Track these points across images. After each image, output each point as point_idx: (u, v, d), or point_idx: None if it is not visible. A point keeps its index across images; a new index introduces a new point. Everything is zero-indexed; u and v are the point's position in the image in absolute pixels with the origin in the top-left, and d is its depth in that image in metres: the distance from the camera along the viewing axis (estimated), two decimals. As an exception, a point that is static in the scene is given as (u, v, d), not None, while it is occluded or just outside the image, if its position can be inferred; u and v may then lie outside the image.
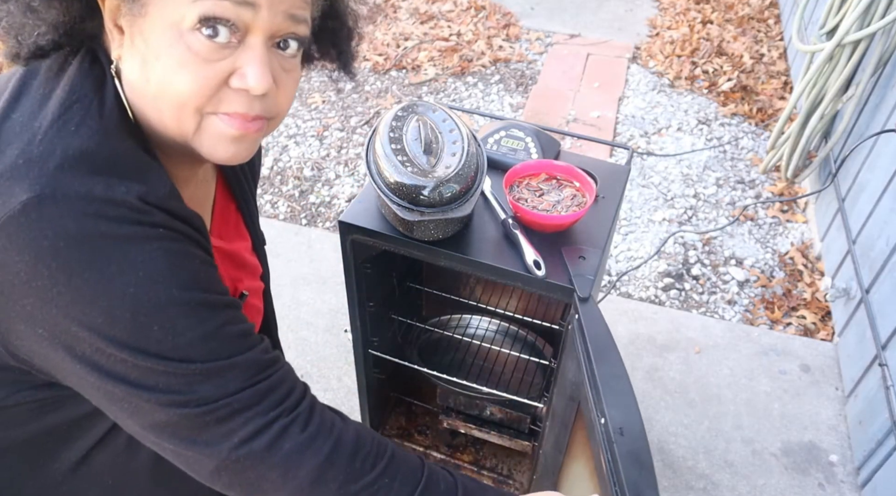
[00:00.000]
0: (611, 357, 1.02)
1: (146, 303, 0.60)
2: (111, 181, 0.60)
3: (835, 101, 2.36)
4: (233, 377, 0.64)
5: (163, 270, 0.61)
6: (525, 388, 1.60)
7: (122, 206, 0.59)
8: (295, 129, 3.09)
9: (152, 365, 0.61)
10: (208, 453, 0.64)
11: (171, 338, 0.61)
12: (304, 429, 0.67)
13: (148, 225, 0.61)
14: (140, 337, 0.60)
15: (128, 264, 0.59)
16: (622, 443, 0.89)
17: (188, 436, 0.64)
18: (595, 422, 0.97)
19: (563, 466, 1.29)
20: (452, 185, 1.09)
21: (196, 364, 0.62)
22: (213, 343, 0.64)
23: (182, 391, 0.62)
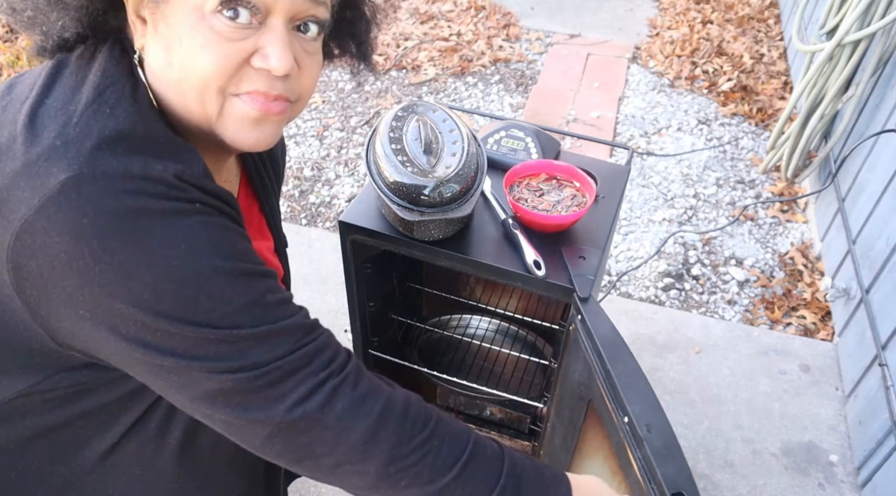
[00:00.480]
0: (623, 355, 1.02)
1: (190, 275, 0.60)
2: (148, 159, 0.60)
3: (835, 101, 2.36)
4: (281, 341, 0.65)
5: (203, 242, 0.61)
6: (525, 388, 1.60)
7: (160, 183, 0.60)
8: (295, 129, 3.09)
9: (201, 334, 0.61)
10: (262, 418, 0.64)
11: (218, 307, 0.62)
12: (354, 389, 0.67)
13: (185, 200, 0.61)
14: (187, 308, 0.61)
15: (169, 238, 0.60)
16: (651, 440, 0.89)
17: (242, 402, 0.64)
18: (617, 420, 0.97)
19: (572, 466, 1.29)
20: (452, 185, 1.09)
21: (245, 329, 0.62)
22: (257, 309, 0.64)
23: (233, 357, 0.62)
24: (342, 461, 0.67)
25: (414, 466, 0.68)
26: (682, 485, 0.84)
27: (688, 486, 0.84)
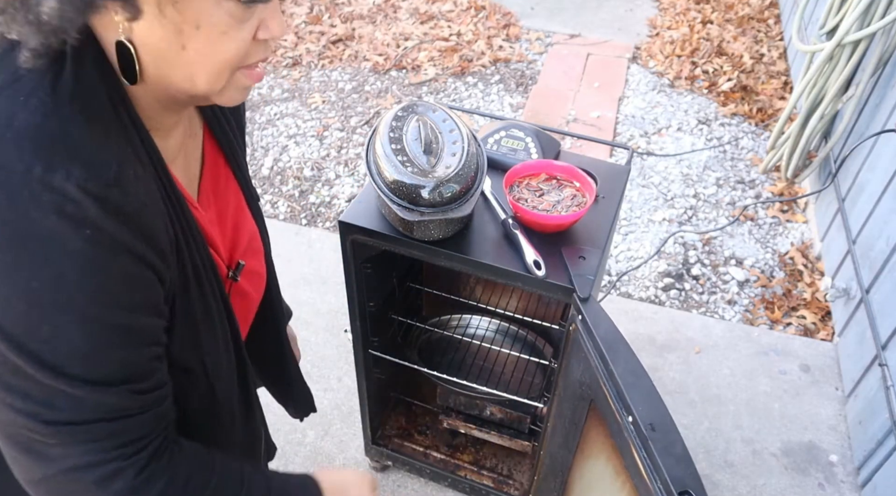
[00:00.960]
0: (625, 354, 1.02)
1: (44, 301, 0.58)
2: (53, 161, 0.57)
3: (835, 101, 2.36)
4: (94, 405, 0.62)
5: (74, 274, 0.58)
6: (525, 388, 1.60)
7: (57, 194, 0.56)
8: (295, 129, 3.10)
9: (23, 363, 0.58)
10: (39, 466, 0.63)
11: (54, 344, 0.59)
12: (138, 475, 0.65)
13: (76, 220, 0.57)
14: (25, 331, 0.58)
15: (42, 258, 0.57)
16: (656, 439, 0.89)
17: (25, 443, 0.62)
18: (621, 420, 0.97)
19: (574, 465, 1.29)
20: (452, 185, 1.09)
21: (66, 378, 0.60)
22: (93, 363, 0.61)
23: (39, 402, 0.60)
24: None
25: None
26: (688, 484, 0.84)
27: (694, 485, 0.84)
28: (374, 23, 3.87)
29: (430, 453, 1.74)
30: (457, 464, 1.72)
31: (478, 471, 1.70)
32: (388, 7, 4.02)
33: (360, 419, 1.69)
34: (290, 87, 3.39)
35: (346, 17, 3.93)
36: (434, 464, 1.71)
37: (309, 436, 1.88)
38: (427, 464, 1.71)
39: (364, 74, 3.46)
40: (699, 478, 0.85)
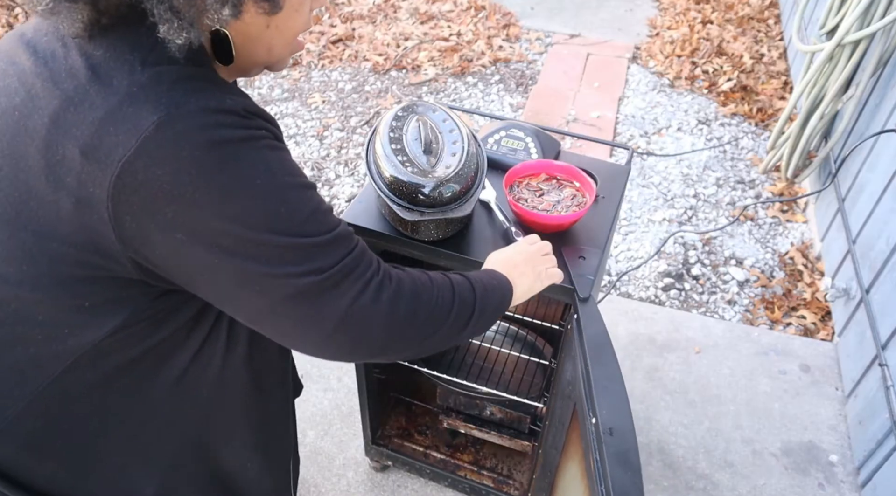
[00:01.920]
0: (606, 358, 1.02)
1: (271, 191, 0.71)
2: (217, 95, 0.69)
3: (835, 101, 2.36)
4: (338, 247, 0.77)
5: (275, 162, 0.72)
6: (525, 388, 1.60)
7: (234, 114, 0.69)
8: (295, 129, 3.10)
9: (283, 242, 0.72)
10: (328, 313, 0.76)
11: (295, 217, 0.73)
12: (391, 281, 0.82)
13: (254, 128, 0.71)
14: (272, 219, 0.71)
15: (251, 162, 0.69)
16: (611, 444, 0.89)
17: (313, 301, 0.75)
18: (587, 421, 0.97)
19: (560, 466, 1.29)
20: (452, 185, 1.09)
21: (313, 237, 0.74)
22: (320, 216, 0.76)
23: (306, 262, 0.73)
24: (392, 338, 0.82)
25: (443, 325, 0.87)
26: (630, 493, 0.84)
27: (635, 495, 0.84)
28: (374, 23, 3.87)
29: (430, 453, 1.74)
30: (457, 464, 1.72)
31: (478, 471, 1.70)
32: (388, 7, 4.02)
33: (360, 419, 1.69)
34: (290, 87, 3.39)
35: (346, 17, 3.93)
36: (434, 464, 1.71)
37: (309, 435, 1.88)
38: (427, 464, 1.71)
39: (364, 74, 3.46)
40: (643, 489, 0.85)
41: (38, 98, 0.68)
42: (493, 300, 0.96)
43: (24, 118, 0.69)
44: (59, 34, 0.71)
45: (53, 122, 0.67)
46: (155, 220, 0.67)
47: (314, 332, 0.78)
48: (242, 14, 0.72)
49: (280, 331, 0.78)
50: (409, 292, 0.84)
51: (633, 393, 2.01)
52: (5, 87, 0.71)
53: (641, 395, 2.01)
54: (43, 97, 0.68)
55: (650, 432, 1.91)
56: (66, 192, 0.67)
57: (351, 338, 0.79)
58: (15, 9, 3.75)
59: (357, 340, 0.80)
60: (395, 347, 0.85)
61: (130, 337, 0.77)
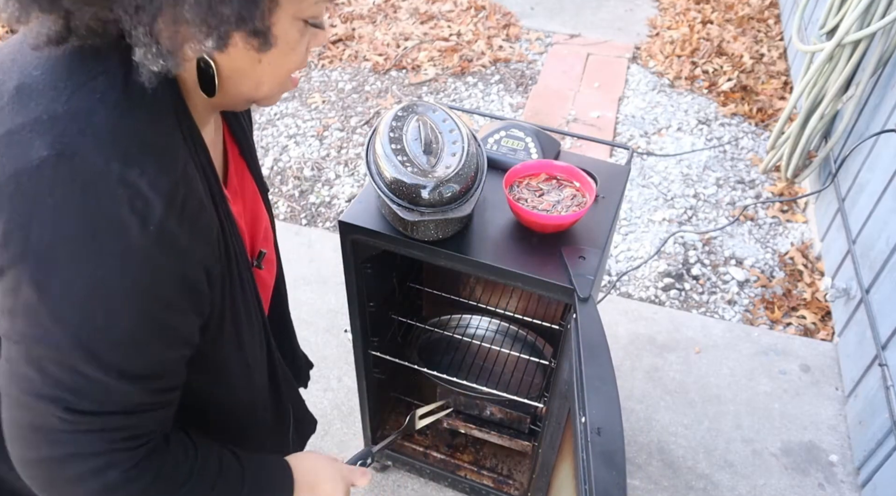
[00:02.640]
0: (600, 358, 1.02)
1: (104, 290, 0.61)
2: (128, 158, 0.61)
3: (835, 101, 2.36)
4: (119, 397, 0.65)
5: (135, 268, 0.62)
6: (525, 388, 1.60)
7: (131, 189, 0.60)
8: (295, 129, 3.10)
9: (69, 352, 0.62)
10: (43, 446, 0.65)
11: (103, 331, 0.62)
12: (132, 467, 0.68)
13: (144, 217, 0.61)
14: (80, 316, 0.61)
15: (109, 248, 0.61)
16: (598, 443, 0.89)
17: (36, 424, 0.64)
18: (577, 420, 0.97)
19: (556, 466, 1.29)
20: (452, 184, 1.09)
21: (103, 368, 0.63)
22: (132, 355, 0.65)
23: (69, 389, 0.63)
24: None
25: None
26: (612, 493, 0.84)
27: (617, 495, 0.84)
28: (374, 23, 3.87)
29: (430, 453, 1.74)
30: (457, 464, 1.72)
31: (478, 471, 1.70)
32: (388, 7, 4.02)
33: (360, 419, 1.69)
34: (290, 87, 3.39)
35: (346, 17, 3.92)
36: (434, 464, 1.71)
37: (309, 436, 1.89)
38: (427, 464, 1.71)
39: (364, 74, 3.46)
40: (625, 490, 0.85)
41: None
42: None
43: None
44: (17, 47, 0.67)
45: None
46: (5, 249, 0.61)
47: (18, 449, 0.66)
48: (228, 47, 0.66)
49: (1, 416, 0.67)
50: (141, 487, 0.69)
51: (633, 393, 2.01)
52: None
53: (641, 395, 2.01)
54: None
55: (650, 432, 1.91)
56: None
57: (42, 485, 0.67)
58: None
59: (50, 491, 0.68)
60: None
61: None
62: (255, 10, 0.63)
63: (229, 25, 0.63)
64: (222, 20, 0.62)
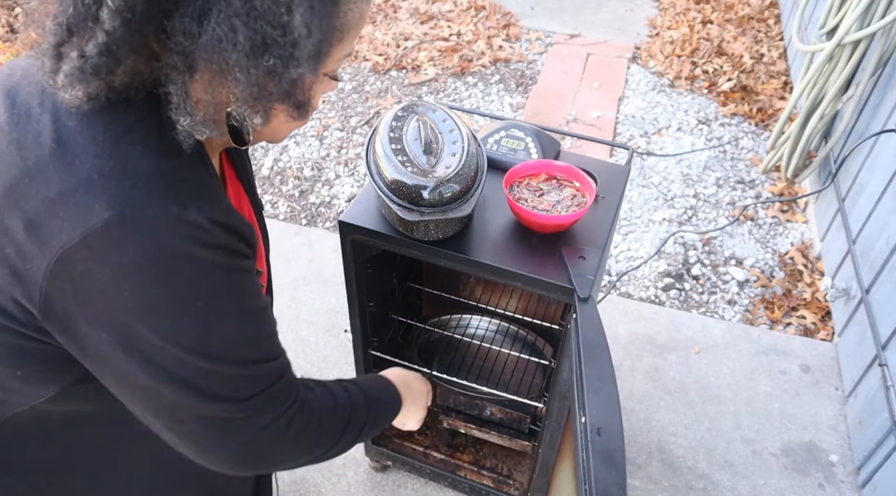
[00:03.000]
0: (600, 358, 1.02)
1: (210, 314, 0.69)
2: (182, 199, 0.65)
3: (835, 101, 2.36)
4: (265, 377, 0.75)
5: (223, 286, 0.70)
6: (525, 388, 1.60)
7: (194, 227, 0.65)
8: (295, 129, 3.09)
9: (207, 367, 0.69)
10: (234, 439, 0.75)
11: (228, 343, 0.71)
12: (303, 413, 0.81)
13: (212, 245, 0.68)
14: (202, 342, 0.69)
15: (196, 281, 0.67)
16: (598, 443, 0.89)
17: (222, 427, 0.74)
18: (576, 420, 0.97)
19: (556, 466, 1.29)
20: (452, 184, 1.09)
21: (242, 365, 0.72)
22: (260, 344, 0.75)
23: (227, 389, 0.72)
24: (287, 459, 0.84)
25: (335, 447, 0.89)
26: (611, 493, 0.84)
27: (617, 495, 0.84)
28: (374, 23, 3.87)
29: (430, 453, 1.74)
30: (457, 464, 1.72)
31: (478, 471, 1.70)
32: (388, 7, 4.02)
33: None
34: (290, 87, 3.39)
35: (346, 17, 3.92)
36: (434, 464, 1.71)
37: (309, 436, 1.88)
38: (427, 464, 1.71)
39: (364, 74, 3.46)
40: (625, 489, 0.85)
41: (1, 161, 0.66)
42: (383, 415, 1.02)
43: None
44: (42, 87, 0.68)
45: (6, 191, 0.65)
46: (83, 313, 0.65)
47: (213, 454, 0.77)
48: (272, 120, 0.71)
49: (179, 443, 0.76)
50: (315, 422, 0.84)
51: (633, 393, 2.01)
52: None
53: (641, 395, 2.01)
54: (4, 161, 0.66)
55: (650, 432, 1.91)
56: (3, 261, 0.65)
57: (250, 461, 0.79)
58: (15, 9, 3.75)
59: (255, 463, 0.80)
60: (286, 466, 0.87)
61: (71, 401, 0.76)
62: (299, 85, 0.68)
63: (275, 100, 0.68)
64: (269, 97, 0.67)
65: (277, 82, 0.65)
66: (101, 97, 0.65)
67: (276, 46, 0.63)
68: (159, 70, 0.64)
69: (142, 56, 0.64)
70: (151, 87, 0.66)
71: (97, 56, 0.61)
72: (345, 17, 0.70)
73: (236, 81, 0.64)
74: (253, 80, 0.64)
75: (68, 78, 0.63)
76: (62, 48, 0.63)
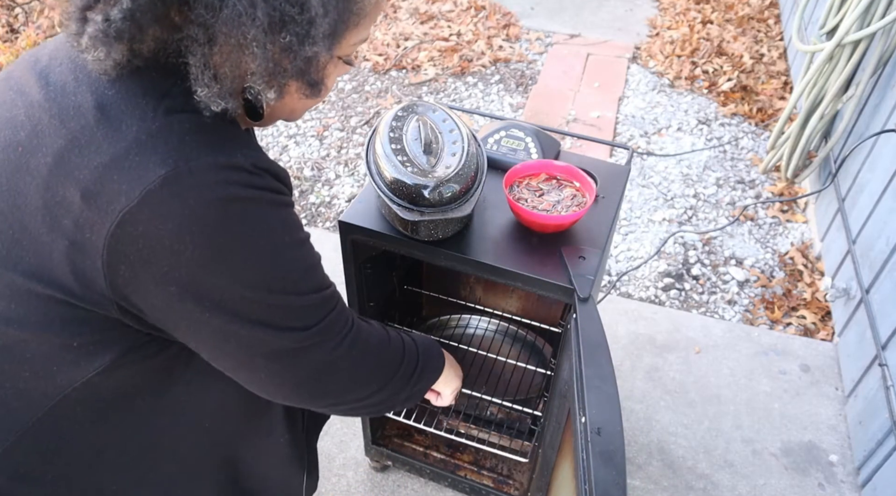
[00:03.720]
0: (600, 358, 1.02)
1: (270, 250, 0.72)
2: (227, 149, 0.69)
3: (835, 101, 2.36)
4: (324, 305, 0.80)
5: (277, 221, 0.73)
6: (525, 388, 1.60)
7: (242, 171, 0.69)
8: (295, 129, 3.10)
9: (275, 300, 0.73)
10: (304, 366, 0.80)
11: (290, 276, 0.74)
12: (360, 335, 0.86)
13: (260, 186, 0.71)
14: (268, 278, 0.72)
15: (253, 221, 0.70)
16: (598, 443, 0.89)
17: (293, 357, 0.78)
18: (576, 420, 0.97)
19: (556, 466, 1.29)
20: (452, 184, 1.09)
21: (305, 295, 0.76)
22: (313, 274, 0.79)
23: (294, 320, 0.76)
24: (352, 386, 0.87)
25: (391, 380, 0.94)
26: (611, 493, 0.84)
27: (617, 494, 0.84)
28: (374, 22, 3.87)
29: (430, 453, 1.74)
30: (457, 464, 1.72)
31: (478, 471, 1.70)
32: (388, 7, 4.02)
33: (360, 419, 1.69)
34: (290, 87, 3.39)
35: (346, 17, 3.92)
36: (434, 464, 1.71)
37: (309, 436, 1.88)
38: (427, 464, 1.71)
39: (364, 74, 3.46)
40: (625, 490, 0.85)
41: (44, 135, 0.67)
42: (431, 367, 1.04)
43: (28, 155, 0.68)
44: (73, 64, 0.70)
45: (56, 162, 0.66)
46: (150, 272, 0.67)
47: (287, 384, 0.81)
48: (285, 96, 0.73)
49: (252, 379, 0.80)
50: (374, 347, 0.89)
51: (633, 393, 2.01)
52: (11, 119, 0.70)
53: (641, 395, 2.01)
54: (48, 135, 0.67)
55: (650, 432, 1.91)
56: (61, 234, 0.66)
57: (319, 387, 0.83)
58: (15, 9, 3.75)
59: (324, 390, 0.84)
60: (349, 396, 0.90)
61: (121, 374, 0.77)
62: (314, 63, 0.70)
63: (290, 77, 0.70)
64: (284, 73, 0.69)
65: (293, 59, 0.68)
66: (129, 64, 0.67)
67: (294, 24, 0.65)
68: (180, 41, 0.66)
69: (164, 26, 0.66)
70: (174, 58, 0.68)
71: (121, 21, 0.63)
72: (361, 2, 0.73)
73: (253, 56, 0.66)
74: (269, 56, 0.66)
75: (92, 40, 0.65)
76: (88, 12, 0.65)
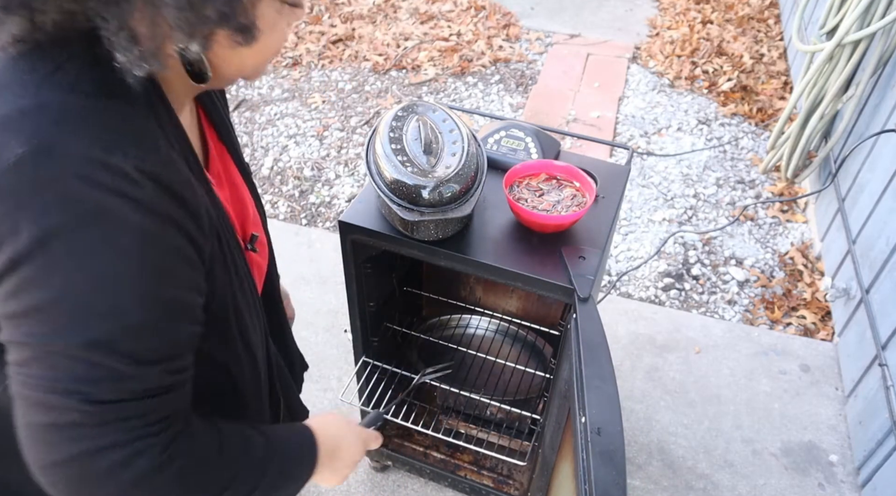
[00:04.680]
0: (600, 358, 1.02)
1: (107, 278, 0.60)
2: (108, 143, 0.59)
3: (835, 101, 2.36)
4: (136, 383, 0.63)
5: (134, 251, 0.60)
6: (525, 388, 1.60)
7: (116, 174, 0.58)
8: (295, 129, 3.09)
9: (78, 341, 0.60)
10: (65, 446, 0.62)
11: (112, 320, 0.60)
12: (162, 453, 0.65)
13: (134, 199, 0.59)
14: (89, 307, 0.59)
15: (105, 235, 0.59)
16: (598, 443, 0.89)
17: (56, 424, 0.61)
18: (577, 420, 0.97)
19: (556, 466, 1.29)
20: (452, 184, 1.09)
21: (117, 355, 0.61)
22: (144, 339, 0.63)
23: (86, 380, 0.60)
24: None
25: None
26: (611, 493, 0.84)
27: (617, 494, 0.84)
28: (374, 23, 3.87)
29: (430, 453, 1.74)
30: (457, 464, 1.72)
31: (478, 471, 1.70)
32: (388, 7, 4.02)
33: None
34: (290, 87, 3.39)
35: (346, 17, 3.92)
36: (434, 464, 1.71)
37: (309, 436, 1.88)
38: (427, 464, 1.71)
39: (364, 74, 3.46)
40: (625, 489, 0.85)
41: None
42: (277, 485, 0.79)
43: None
44: None
45: None
46: None
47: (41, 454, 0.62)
48: (213, 46, 0.64)
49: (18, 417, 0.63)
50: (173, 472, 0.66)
51: (633, 393, 2.01)
52: None
53: (641, 395, 2.01)
54: None
55: (650, 432, 1.91)
56: None
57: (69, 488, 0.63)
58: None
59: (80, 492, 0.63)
60: None
61: None
62: (238, 6, 0.62)
63: (213, 25, 0.61)
64: (206, 21, 0.61)
65: (212, 3, 0.60)
66: (30, 39, 0.60)
67: None
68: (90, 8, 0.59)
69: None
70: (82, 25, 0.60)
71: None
72: None
73: (167, 6, 0.58)
74: (184, 4, 0.59)
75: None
76: None
